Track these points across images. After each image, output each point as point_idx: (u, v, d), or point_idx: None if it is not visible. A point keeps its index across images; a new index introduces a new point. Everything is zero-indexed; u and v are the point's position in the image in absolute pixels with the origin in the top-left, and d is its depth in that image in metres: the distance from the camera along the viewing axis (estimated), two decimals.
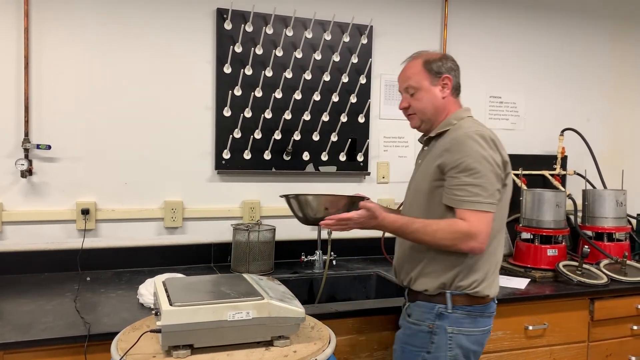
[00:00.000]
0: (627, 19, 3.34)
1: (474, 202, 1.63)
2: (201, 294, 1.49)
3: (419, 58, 1.82)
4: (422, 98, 1.79)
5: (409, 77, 1.81)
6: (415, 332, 1.76)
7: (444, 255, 1.70)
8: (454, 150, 1.67)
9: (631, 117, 3.37)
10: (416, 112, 1.82)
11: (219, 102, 2.51)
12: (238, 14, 2.51)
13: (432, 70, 1.78)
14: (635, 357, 2.36)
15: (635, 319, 2.37)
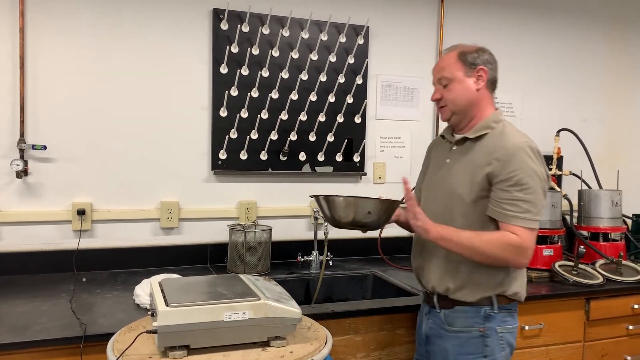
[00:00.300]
0: (624, 20, 3.35)
1: (524, 218, 1.60)
2: (197, 295, 1.49)
3: (454, 50, 1.78)
4: (455, 89, 1.74)
5: (443, 67, 1.76)
6: (466, 340, 1.71)
7: (487, 266, 1.68)
8: (506, 161, 1.63)
9: (627, 117, 3.39)
10: (448, 104, 1.76)
11: (215, 103, 2.51)
12: (234, 14, 2.51)
13: (466, 61, 1.74)
14: (631, 357, 2.37)
15: (630, 318, 2.38)
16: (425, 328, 1.83)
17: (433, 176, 1.86)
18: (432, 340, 1.80)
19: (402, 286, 2.30)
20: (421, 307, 1.92)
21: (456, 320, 1.73)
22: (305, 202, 2.71)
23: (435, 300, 1.78)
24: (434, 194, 1.82)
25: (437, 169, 1.85)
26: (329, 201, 1.77)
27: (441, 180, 1.79)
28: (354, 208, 1.73)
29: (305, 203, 2.71)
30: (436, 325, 1.78)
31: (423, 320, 1.86)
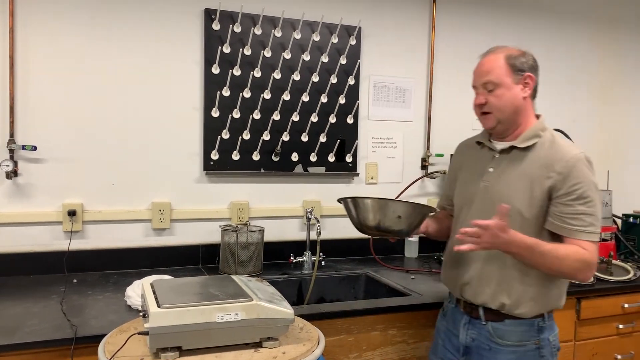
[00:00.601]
0: (612, 22, 3.38)
1: (589, 232, 1.58)
2: (189, 296, 1.48)
3: (499, 52, 1.69)
4: (503, 95, 1.66)
5: (489, 71, 1.67)
6: (522, 354, 1.69)
7: (543, 281, 1.66)
8: (567, 174, 1.59)
9: (616, 118, 3.41)
10: (493, 111, 1.67)
11: (207, 103, 2.50)
12: (226, 14, 2.51)
13: (515, 66, 1.66)
14: (621, 356, 2.39)
15: (620, 317, 2.39)
16: (466, 339, 1.76)
17: (472, 185, 1.77)
18: (477, 352, 1.74)
19: (394, 286, 2.30)
20: (451, 313, 1.85)
21: (509, 334, 1.69)
22: (297, 202, 2.71)
23: (481, 312, 1.73)
24: (479, 205, 1.73)
25: (476, 177, 1.76)
26: (356, 203, 1.71)
27: (486, 191, 1.72)
28: (383, 210, 1.66)
29: (298, 203, 2.71)
30: (482, 337, 1.73)
31: (460, 329, 1.78)
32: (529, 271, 1.65)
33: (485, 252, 1.68)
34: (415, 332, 2.06)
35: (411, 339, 2.06)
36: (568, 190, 1.59)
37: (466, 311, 1.78)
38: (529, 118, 1.71)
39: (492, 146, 1.77)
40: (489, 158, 1.75)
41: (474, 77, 1.72)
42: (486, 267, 1.70)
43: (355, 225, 1.80)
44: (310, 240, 2.56)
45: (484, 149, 1.80)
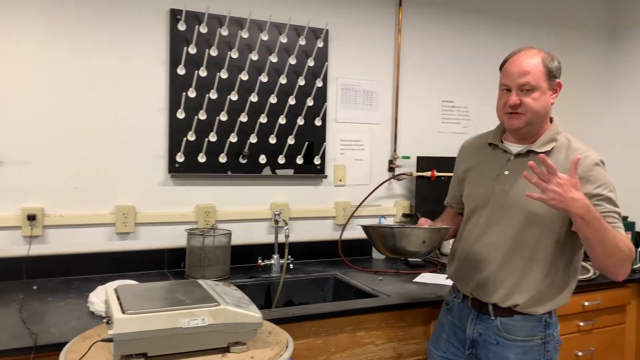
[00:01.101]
0: (574, 28, 3.48)
1: (619, 228, 1.59)
2: (155, 301, 1.45)
3: (537, 54, 1.67)
4: (539, 99, 1.64)
5: (529, 72, 1.63)
6: (529, 348, 1.72)
7: (556, 282, 1.70)
8: (587, 178, 1.61)
9: (578, 120, 3.51)
10: (526, 113, 1.64)
11: (173, 104, 2.46)
12: (192, 14, 2.47)
13: (551, 72, 1.66)
14: (582, 353, 2.46)
15: (581, 315, 2.46)
16: (473, 333, 1.79)
17: (486, 187, 1.77)
18: (484, 346, 1.76)
19: (363, 288, 2.31)
20: (458, 308, 1.86)
21: (517, 329, 1.71)
22: (265, 205, 2.69)
23: (490, 308, 1.75)
24: (494, 207, 1.74)
25: (491, 180, 1.76)
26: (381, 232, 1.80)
27: (502, 194, 1.72)
28: (409, 238, 1.75)
29: (266, 206, 2.69)
30: (490, 332, 1.75)
31: (467, 324, 1.80)
32: (543, 274, 1.68)
33: (501, 257, 1.71)
34: (383, 333, 2.07)
35: (379, 340, 2.07)
36: (593, 193, 1.60)
37: (474, 307, 1.79)
38: (547, 121, 1.74)
39: (507, 148, 1.77)
40: (504, 160, 1.75)
41: (509, 76, 1.67)
42: (502, 270, 1.71)
43: (378, 250, 1.89)
44: (278, 243, 2.54)
45: (496, 151, 1.80)
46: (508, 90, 1.67)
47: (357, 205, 2.86)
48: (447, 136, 3.09)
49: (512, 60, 1.69)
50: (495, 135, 1.82)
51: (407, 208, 3.00)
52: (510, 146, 1.76)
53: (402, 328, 2.11)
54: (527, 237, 1.68)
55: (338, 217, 2.84)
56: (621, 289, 2.56)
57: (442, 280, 2.37)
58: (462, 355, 1.84)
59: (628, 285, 2.59)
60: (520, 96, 1.64)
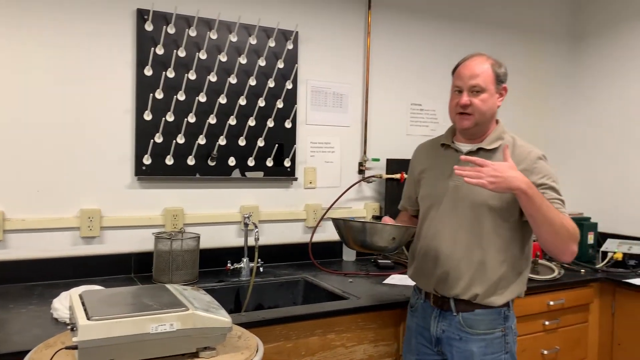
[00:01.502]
0: (540, 32, 3.56)
1: (564, 213, 1.70)
2: (121, 307, 1.42)
3: (485, 59, 1.79)
4: (487, 100, 1.77)
5: (478, 75, 1.76)
6: (490, 341, 1.79)
7: (512, 271, 1.79)
8: (531, 170, 1.73)
9: (542, 124, 3.59)
10: (475, 113, 1.77)
11: (140, 106, 2.42)
12: (160, 15, 2.44)
13: (498, 76, 1.79)
14: (547, 351, 2.51)
15: (546, 314, 2.51)
16: (437, 331, 1.85)
17: (440, 185, 1.86)
18: (449, 342, 1.83)
19: (333, 290, 2.31)
20: (421, 308, 1.92)
21: (478, 323, 1.79)
22: (235, 208, 2.67)
23: (452, 304, 1.81)
24: (449, 203, 1.82)
25: (445, 177, 1.85)
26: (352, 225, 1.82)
27: (456, 190, 1.81)
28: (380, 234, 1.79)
29: (235, 209, 2.67)
30: (453, 328, 1.82)
31: (431, 322, 1.87)
32: (499, 263, 1.77)
33: (459, 250, 1.79)
34: (353, 335, 2.08)
35: (349, 342, 2.07)
36: (538, 182, 1.72)
37: (437, 305, 1.86)
38: (494, 122, 1.87)
39: (458, 148, 1.87)
40: (456, 159, 1.82)
41: (460, 78, 1.79)
42: (461, 262, 1.79)
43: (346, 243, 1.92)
44: (248, 246, 2.52)
45: (448, 151, 1.90)
46: (459, 92, 1.79)
47: (328, 208, 2.86)
48: (416, 139, 3.08)
49: (464, 64, 1.82)
50: (446, 136, 1.93)
51: (377, 210, 3.02)
52: (461, 146, 1.87)
53: (373, 330, 2.11)
54: (482, 229, 1.78)
55: (308, 220, 2.84)
56: (584, 288, 2.63)
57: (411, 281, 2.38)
58: (433, 353, 1.89)
59: (591, 285, 2.66)
60: (470, 97, 1.77)
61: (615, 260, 2.81)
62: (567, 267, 2.77)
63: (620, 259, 2.80)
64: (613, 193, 3.43)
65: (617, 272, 2.73)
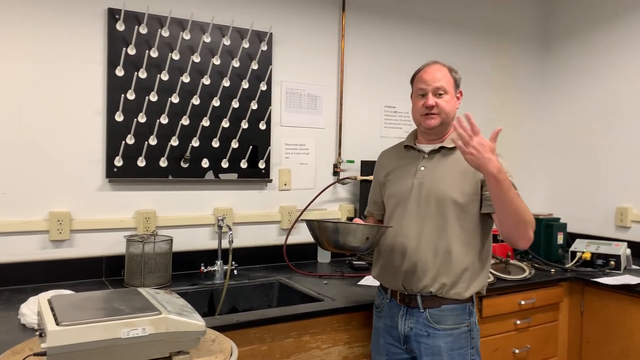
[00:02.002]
0: (510, 36, 3.62)
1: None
2: (92, 312, 1.39)
3: (443, 66, 1.92)
4: (450, 102, 1.90)
5: (441, 78, 1.88)
6: (457, 336, 1.86)
7: (475, 264, 1.86)
8: None
9: (512, 126, 3.65)
10: (440, 113, 1.88)
11: (111, 106, 2.38)
12: (131, 15, 2.40)
13: (456, 80, 1.93)
14: (519, 350, 2.54)
15: (517, 314, 2.55)
16: (405, 329, 1.89)
17: (405, 183, 1.93)
18: (417, 339, 1.87)
19: (308, 292, 2.31)
20: (387, 308, 1.96)
21: (445, 318, 1.85)
22: (208, 210, 2.64)
23: (419, 300, 1.86)
24: (415, 199, 1.89)
25: (409, 176, 1.93)
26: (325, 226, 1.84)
27: (421, 187, 1.89)
28: (354, 234, 1.81)
29: (209, 211, 2.64)
30: (420, 325, 1.87)
31: (399, 321, 1.91)
32: (463, 254, 1.84)
33: (425, 243, 1.85)
34: (328, 336, 2.08)
35: (324, 344, 2.07)
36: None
37: (403, 302, 1.90)
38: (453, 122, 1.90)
39: (420, 148, 1.96)
40: (419, 158, 1.94)
41: (423, 82, 1.90)
42: (427, 253, 1.85)
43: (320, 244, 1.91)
44: (222, 249, 2.50)
45: (411, 152, 1.99)
46: (423, 95, 1.90)
47: (303, 210, 2.85)
48: (390, 141, 3.09)
49: (424, 71, 1.93)
50: (409, 139, 2.03)
51: (352, 211, 3.03)
52: (423, 146, 1.97)
53: (347, 331, 2.12)
54: (446, 222, 1.84)
55: (283, 222, 2.83)
56: (555, 287, 2.68)
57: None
58: (403, 351, 1.93)
59: (561, 284, 2.71)
60: (435, 99, 1.88)
61: (583, 260, 2.87)
62: (538, 267, 2.82)
63: (588, 259, 2.87)
64: (582, 194, 3.51)
65: (586, 272, 2.79)
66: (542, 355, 2.66)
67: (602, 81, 3.41)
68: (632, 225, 3.22)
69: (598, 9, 3.44)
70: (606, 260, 2.83)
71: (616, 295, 2.57)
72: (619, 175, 3.30)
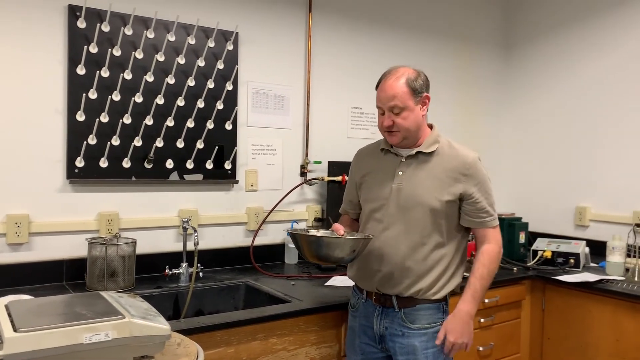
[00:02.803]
0: (473, 40, 3.69)
1: (492, 220, 1.90)
2: (52, 317, 1.35)
3: (400, 76, 1.84)
4: (408, 117, 1.84)
5: (394, 96, 1.82)
6: (431, 335, 1.87)
7: (450, 268, 1.90)
8: (470, 175, 1.87)
9: (475, 127, 3.72)
10: (400, 130, 1.86)
11: (72, 106, 2.32)
12: (93, 12, 2.35)
13: (415, 90, 1.84)
14: (483, 348, 2.59)
15: (481, 312, 2.59)
16: (380, 328, 1.91)
17: (383, 188, 1.92)
18: (392, 338, 1.89)
19: (275, 294, 2.30)
20: (363, 308, 1.97)
21: (420, 318, 1.87)
22: (173, 211, 2.60)
23: (394, 300, 1.88)
24: (393, 204, 1.89)
25: (387, 180, 1.92)
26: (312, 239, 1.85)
27: (399, 192, 1.89)
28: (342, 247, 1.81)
29: (173, 213, 2.60)
30: (395, 324, 1.89)
31: (374, 320, 1.92)
32: (439, 258, 1.88)
33: (404, 249, 1.87)
34: (295, 338, 2.07)
35: (291, 345, 2.06)
36: (474, 189, 1.87)
37: (379, 302, 1.92)
38: (425, 128, 1.95)
39: (397, 152, 1.95)
40: (397, 163, 1.93)
41: (380, 100, 1.88)
42: (406, 261, 1.86)
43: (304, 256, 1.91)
44: (187, 251, 2.46)
45: (388, 155, 1.97)
46: (383, 113, 1.88)
47: (270, 211, 2.84)
48: (357, 142, 3.14)
49: (381, 86, 1.88)
50: (386, 142, 1.99)
51: (319, 212, 3.03)
52: (400, 151, 1.95)
53: (315, 332, 2.12)
54: (424, 228, 1.86)
55: (250, 223, 2.81)
56: (517, 285, 2.74)
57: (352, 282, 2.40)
58: (378, 350, 1.94)
59: (523, 282, 2.77)
60: (392, 117, 1.85)
61: (545, 258, 2.94)
62: (501, 266, 2.85)
63: (549, 257, 2.94)
64: (543, 194, 3.60)
65: (547, 270, 2.86)
66: (506, 352, 2.71)
67: (561, 83, 3.51)
68: (591, 224, 3.32)
69: (558, 14, 3.53)
70: (566, 259, 2.90)
71: (576, 292, 2.65)
72: (578, 176, 3.40)
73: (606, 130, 3.26)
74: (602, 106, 3.28)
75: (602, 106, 3.28)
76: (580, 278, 2.66)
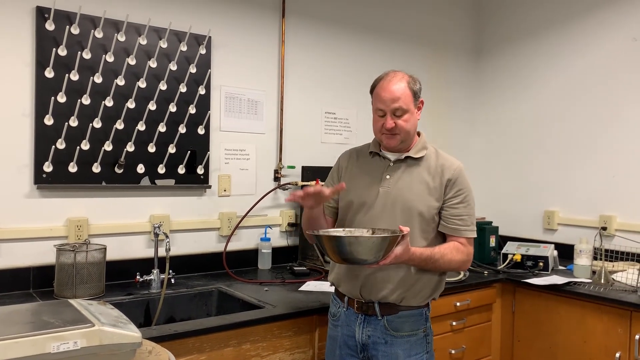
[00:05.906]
0: (445, 46, 3.74)
1: (470, 230, 1.89)
2: (18, 326, 1.31)
3: (402, 79, 1.85)
4: (409, 120, 1.85)
5: (399, 98, 1.82)
6: (414, 342, 1.88)
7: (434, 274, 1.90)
8: (454, 181, 1.88)
9: (446, 132, 3.77)
10: (401, 133, 1.85)
11: (40, 109, 2.27)
12: (62, 14, 2.30)
13: (415, 93, 1.86)
14: (455, 350, 2.62)
15: (453, 315, 2.62)
16: (362, 337, 1.89)
17: (370, 190, 1.91)
18: (375, 347, 1.87)
19: (248, 300, 2.28)
20: (344, 317, 1.94)
21: (402, 325, 1.87)
22: (144, 217, 2.57)
23: (377, 308, 1.86)
24: (380, 206, 1.88)
25: (375, 183, 1.91)
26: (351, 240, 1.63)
27: (386, 195, 1.88)
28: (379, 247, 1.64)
29: (145, 218, 2.57)
30: (378, 332, 1.87)
31: (356, 329, 1.90)
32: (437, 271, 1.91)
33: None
34: (269, 344, 2.06)
35: (265, 351, 2.05)
36: (455, 196, 1.88)
37: (361, 310, 1.90)
38: (416, 135, 1.97)
39: (386, 156, 1.95)
40: (384, 166, 1.93)
41: (383, 102, 1.85)
42: (390, 268, 1.83)
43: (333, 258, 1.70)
44: (158, 257, 2.43)
45: (375, 158, 1.97)
46: (383, 115, 1.86)
47: (243, 216, 2.82)
48: (330, 146, 3.17)
49: (382, 87, 1.86)
50: (374, 145, 2.00)
51: (293, 217, 3.03)
52: (388, 155, 1.96)
53: (288, 337, 2.11)
54: (411, 234, 1.80)
55: (223, 228, 2.79)
56: (488, 289, 2.78)
57: (326, 287, 2.41)
58: None
59: (494, 285, 2.81)
60: (394, 119, 1.84)
61: (514, 261, 2.99)
62: (472, 270, 2.91)
63: (519, 260, 2.98)
64: (512, 198, 3.66)
65: (517, 273, 2.91)
66: (477, 355, 2.74)
67: (529, 89, 3.59)
68: (559, 228, 3.39)
69: (526, 22, 3.61)
70: (535, 262, 2.95)
71: (545, 295, 2.70)
72: (546, 180, 3.47)
73: (573, 135, 3.34)
74: (569, 112, 3.36)
75: (569, 112, 3.36)
76: (549, 281, 2.71)
